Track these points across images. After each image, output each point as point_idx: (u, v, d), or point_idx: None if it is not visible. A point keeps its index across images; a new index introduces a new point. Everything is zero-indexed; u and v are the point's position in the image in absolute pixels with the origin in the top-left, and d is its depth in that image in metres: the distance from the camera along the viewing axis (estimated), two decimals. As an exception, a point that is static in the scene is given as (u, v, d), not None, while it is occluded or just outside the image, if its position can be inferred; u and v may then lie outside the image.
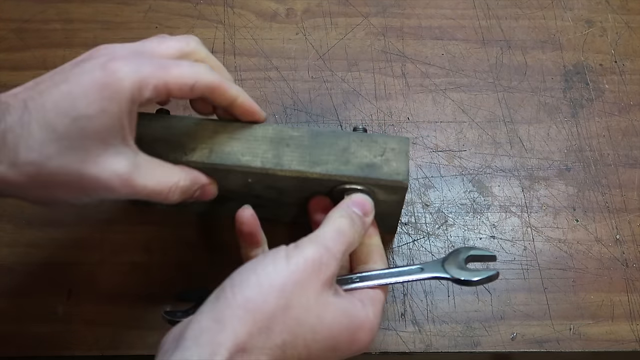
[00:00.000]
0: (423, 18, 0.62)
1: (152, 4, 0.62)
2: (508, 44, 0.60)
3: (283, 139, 0.44)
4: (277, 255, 0.37)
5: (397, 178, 0.43)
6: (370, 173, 0.43)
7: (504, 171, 0.55)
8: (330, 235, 0.39)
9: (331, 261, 0.37)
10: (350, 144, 0.44)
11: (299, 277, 0.36)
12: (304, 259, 0.36)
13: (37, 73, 0.58)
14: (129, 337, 0.49)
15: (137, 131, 0.42)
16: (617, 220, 0.53)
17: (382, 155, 0.44)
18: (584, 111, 0.58)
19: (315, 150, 0.44)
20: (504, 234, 0.53)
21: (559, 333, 0.50)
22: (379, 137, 0.45)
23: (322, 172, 0.43)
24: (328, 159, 0.44)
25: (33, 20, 0.61)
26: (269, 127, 0.45)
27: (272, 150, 0.44)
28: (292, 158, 0.44)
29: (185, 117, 0.45)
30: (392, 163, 0.44)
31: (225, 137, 0.44)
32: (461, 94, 0.58)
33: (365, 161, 0.44)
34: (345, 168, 0.44)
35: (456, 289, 0.51)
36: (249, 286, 0.35)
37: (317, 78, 0.59)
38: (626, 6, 0.63)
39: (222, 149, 0.44)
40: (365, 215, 0.42)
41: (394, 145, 0.44)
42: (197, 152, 0.44)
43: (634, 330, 0.50)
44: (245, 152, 0.44)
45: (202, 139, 0.44)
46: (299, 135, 0.45)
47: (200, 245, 0.52)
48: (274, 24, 0.61)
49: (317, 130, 0.45)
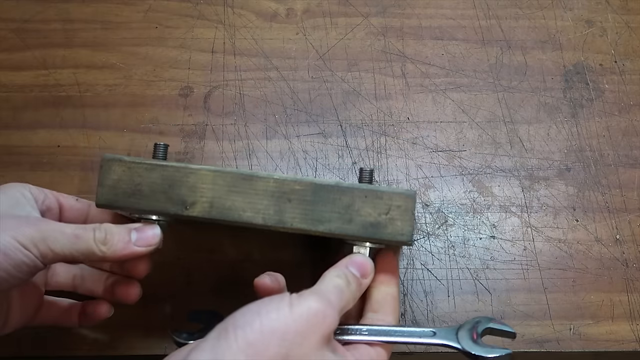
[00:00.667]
0: (423, 18, 0.62)
1: (152, 4, 0.62)
2: (508, 44, 0.60)
3: (284, 194, 0.43)
4: (282, 303, 0.37)
5: (401, 239, 0.42)
6: (374, 234, 0.43)
7: (504, 171, 0.55)
8: (331, 290, 0.39)
9: (333, 314, 0.37)
10: (354, 200, 0.43)
11: (300, 327, 0.36)
12: (307, 309, 0.36)
13: (37, 73, 0.58)
14: (128, 337, 0.49)
15: (137, 181, 0.43)
16: (617, 220, 0.53)
17: (387, 214, 0.43)
18: (584, 111, 0.58)
19: (318, 207, 0.43)
20: (504, 234, 0.53)
21: (559, 333, 0.50)
22: (384, 192, 0.43)
23: (324, 231, 0.43)
24: (331, 216, 0.43)
25: (33, 20, 0.61)
26: (270, 179, 0.43)
27: (273, 206, 0.43)
28: (294, 215, 0.43)
29: (182, 166, 0.44)
30: (397, 222, 0.43)
31: (225, 189, 0.43)
32: (461, 94, 0.58)
33: (370, 220, 0.43)
34: (348, 227, 0.43)
35: (456, 289, 0.51)
36: (252, 330, 0.35)
37: (317, 78, 0.59)
38: (626, 6, 0.63)
39: (223, 204, 0.43)
40: (363, 277, 0.42)
41: (399, 202, 0.43)
42: (198, 207, 0.43)
43: (634, 330, 0.50)
44: (247, 207, 0.43)
45: (201, 191, 0.43)
46: (301, 190, 0.43)
47: (200, 245, 0.52)
48: (274, 24, 0.61)
49: (320, 184, 0.43)
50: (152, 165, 0.44)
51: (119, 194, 0.44)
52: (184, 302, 0.50)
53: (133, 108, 0.57)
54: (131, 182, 0.44)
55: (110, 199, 0.44)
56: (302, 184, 0.43)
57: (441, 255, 0.52)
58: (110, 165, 0.44)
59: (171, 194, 0.43)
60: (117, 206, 0.44)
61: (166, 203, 0.43)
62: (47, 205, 0.46)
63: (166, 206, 0.43)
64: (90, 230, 0.41)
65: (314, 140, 0.56)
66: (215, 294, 0.51)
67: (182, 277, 0.51)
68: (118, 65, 0.59)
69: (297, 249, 0.52)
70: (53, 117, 0.57)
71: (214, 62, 0.59)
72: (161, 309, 0.50)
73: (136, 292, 0.46)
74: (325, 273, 0.41)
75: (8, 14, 0.61)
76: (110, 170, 0.44)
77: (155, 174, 0.44)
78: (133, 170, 0.44)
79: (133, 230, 0.42)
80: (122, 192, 0.44)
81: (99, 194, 0.44)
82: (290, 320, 0.36)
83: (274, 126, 0.57)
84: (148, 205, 0.43)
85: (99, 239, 0.41)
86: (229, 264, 0.52)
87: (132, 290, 0.46)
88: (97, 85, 0.58)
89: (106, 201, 0.44)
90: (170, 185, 0.43)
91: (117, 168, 0.44)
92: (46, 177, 0.54)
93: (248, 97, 0.58)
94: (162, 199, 0.43)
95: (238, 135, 0.56)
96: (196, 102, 0.57)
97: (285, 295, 0.37)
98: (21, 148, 0.56)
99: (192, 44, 0.60)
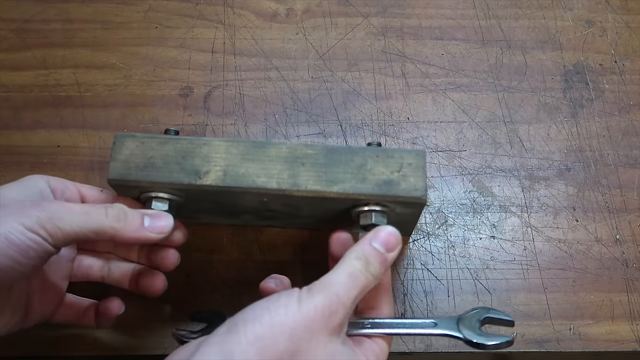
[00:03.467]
0: (423, 18, 0.62)
1: (152, 4, 0.62)
2: (508, 44, 0.60)
3: (298, 158, 0.44)
4: (290, 298, 0.36)
5: (416, 194, 0.43)
6: (389, 190, 0.43)
7: (504, 171, 0.55)
8: (342, 281, 0.38)
9: (340, 309, 0.37)
10: (366, 160, 0.44)
11: (309, 324, 0.36)
12: (314, 306, 0.36)
13: (37, 73, 0.58)
14: (128, 337, 0.49)
15: (150, 154, 0.43)
16: (617, 220, 0.53)
17: (399, 171, 0.43)
18: (584, 111, 0.58)
19: (331, 168, 0.43)
20: (504, 234, 0.53)
21: (559, 333, 0.50)
22: (394, 151, 0.44)
23: (339, 191, 0.43)
24: (345, 177, 0.43)
25: (33, 20, 0.61)
26: (283, 146, 0.44)
27: (287, 170, 0.43)
28: (308, 177, 0.43)
29: (195, 139, 0.45)
30: (410, 179, 0.43)
31: (238, 157, 0.44)
32: (461, 94, 0.58)
33: (383, 178, 0.43)
34: (362, 186, 0.43)
35: (456, 289, 0.51)
36: (261, 324, 0.35)
37: (317, 78, 0.59)
38: (626, 6, 0.63)
39: (236, 171, 0.43)
40: (389, 251, 0.41)
41: (410, 159, 0.44)
42: (211, 175, 0.43)
43: (634, 330, 0.50)
44: (260, 173, 0.43)
45: (214, 160, 0.44)
46: (313, 153, 0.44)
47: (200, 245, 0.52)
48: (274, 24, 0.61)
49: (331, 147, 0.44)
50: (165, 139, 0.44)
51: (131, 167, 0.44)
52: (184, 302, 0.50)
53: (133, 108, 0.57)
54: (144, 156, 0.44)
55: (123, 172, 0.44)
56: (314, 148, 0.44)
57: (441, 255, 0.52)
58: (123, 141, 0.44)
59: (184, 165, 0.43)
60: (129, 179, 0.43)
61: (180, 173, 0.43)
62: (66, 197, 0.45)
63: (180, 176, 0.43)
64: (102, 207, 0.40)
65: (314, 140, 0.56)
66: (215, 294, 0.51)
67: (182, 277, 0.51)
68: (118, 65, 0.59)
69: (297, 249, 0.52)
70: (53, 117, 0.57)
71: (214, 62, 0.59)
72: (161, 309, 0.50)
73: (161, 284, 0.45)
74: (347, 252, 0.40)
75: (8, 14, 0.61)
76: (122, 145, 0.44)
77: (168, 146, 0.44)
78: (146, 144, 0.44)
79: (146, 216, 0.42)
80: (134, 166, 0.44)
81: (111, 168, 0.44)
82: (299, 317, 0.35)
83: (274, 126, 0.57)
84: (161, 177, 0.43)
85: (111, 215, 0.40)
86: (229, 264, 0.52)
87: (157, 282, 0.45)
88: (97, 85, 0.58)
89: (118, 175, 0.44)
90: (183, 157, 0.44)
91: (129, 143, 0.44)
92: (46, 177, 0.54)
93: (248, 97, 0.58)
94: (176, 169, 0.43)
95: (238, 135, 0.56)
96: (196, 102, 0.57)
97: (294, 291, 0.37)
98: (21, 148, 0.56)
99: (192, 44, 0.60)
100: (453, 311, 0.50)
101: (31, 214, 0.37)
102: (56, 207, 0.38)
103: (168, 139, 0.44)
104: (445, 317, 0.43)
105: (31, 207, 0.38)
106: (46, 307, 0.45)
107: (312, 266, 0.52)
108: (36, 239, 0.37)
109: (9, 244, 0.36)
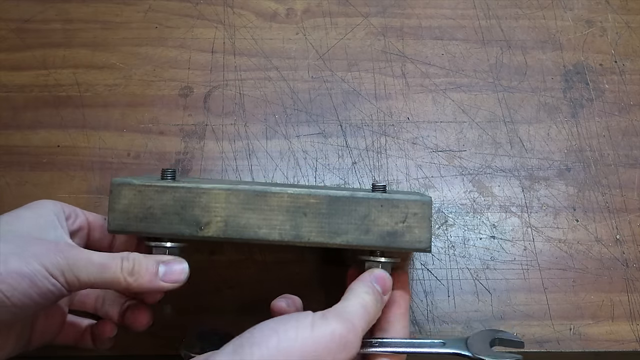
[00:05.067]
0: (423, 18, 0.62)
1: (152, 3, 0.62)
2: (508, 44, 0.60)
3: (299, 208, 0.43)
4: (303, 322, 0.36)
5: (420, 247, 0.42)
6: (392, 242, 0.42)
7: (504, 171, 0.55)
8: (357, 311, 0.37)
9: (356, 340, 0.36)
10: (370, 210, 0.42)
11: (319, 352, 0.35)
12: (331, 333, 0.35)
13: (37, 73, 0.58)
14: (129, 337, 0.49)
15: (148, 204, 0.42)
16: (617, 220, 0.53)
17: (404, 222, 0.42)
18: (584, 111, 0.58)
19: (334, 219, 0.42)
20: (504, 234, 0.53)
21: (559, 333, 0.50)
22: (400, 201, 0.43)
23: (342, 243, 0.42)
24: (348, 228, 0.42)
25: (33, 20, 0.61)
26: (284, 194, 0.43)
27: (289, 221, 0.42)
28: (311, 229, 0.42)
29: (194, 187, 0.43)
30: (415, 230, 0.42)
31: (239, 207, 0.43)
32: (461, 94, 0.58)
33: (387, 229, 0.42)
34: (366, 238, 0.42)
35: (456, 289, 0.51)
36: (268, 348, 0.34)
37: (317, 78, 0.59)
38: (626, 6, 0.63)
39: (237, 222, 0.43)
40: (384, 294, 0.41)
41: (416, 209, 0.42)
42: (212, 227, 0.42)
43: (634, 330, 0.50)
44: (262, 224, 0.42)
45: (215, 211, 0.43)
46: (316, 203, 0.42)
47: (200, 245, 0.52)
48: (274, 24, 0.61)
49: (334, 196, 0.43)
50: (162, 187, 0.43)
51: (130, 218, 0.43)
52: (184, 303, 0.50)
53: (133, 108, 0.57)
54: (143, 206, 0.43)
55: (123, 224, 0.43)
56: (316, 197, 0.43)
57: (441, 255, 0.52)
58: (120, 190, 0.43)
59: (184, 215, 0.43)
60: (129, 231, 0.43)
61: (180, 225, 0.42)
62: (77, 224, 0.45)
63: (180, 228, 0.42)
64: (118, 259, 0.40)
65: (314, 140, 0.56)
66: (215, 295, 0.51)
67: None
68: (118, 65, 0.59)
69: (297, 249, 0.52)
70: (53, 117, 0.57)
71: (213, 62, 0.59)
72: (161, 309, 0.50)
73: (145, 319, 0.45)
74: (352, 287, 0.40)
75: (8, 14, 0.61)
76: (120, 194, 0.43)
77: (166, 196, 0.43)
78: (144, 193, 0.43)
79: (161, 264, 0.41)
80: (134, 217, 0.43)
81: (111, 220, 0.43)
82: (310, 342, 0.35)
83: (274, 126, 0.57)
84: (162, 229, 0.43)
85: (126, 269, 0.40)
86: (229, 264, 0.52)
87: (140, 317, 0.45)
88: (97, 85, 0.58)
89: (118, 227, 0.43)
90: (182, 207, 0.43)
91: (127, 192, 0.43)
92: (46, 177, 0.55)
93: (248, 97, 0.58)
94: (176, 221, 0.43)
95: (238, 135, 0.56)
96: (196, 102, 0.57)
97: (308, 314, 0.36)
98: (21, 148, 0.56)
99: (192, 44, 0.60)
100: (453, 311, 0.50)
101: (54, 259, 0.38)
102: (76, 255, 0.39)
103: (165, 188, 0.43)
104: (454, 337, 0.43)
105: (54, 251, 0.38)
106: (49, 333, 0.45)
107: (312, 266, 0.52)
108: (55, 284, 0.38)
109: (31, 285, 0.37)
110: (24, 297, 0.37)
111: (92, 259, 0.39)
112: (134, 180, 0.43)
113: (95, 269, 0.39)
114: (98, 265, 0.39)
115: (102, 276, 0.39)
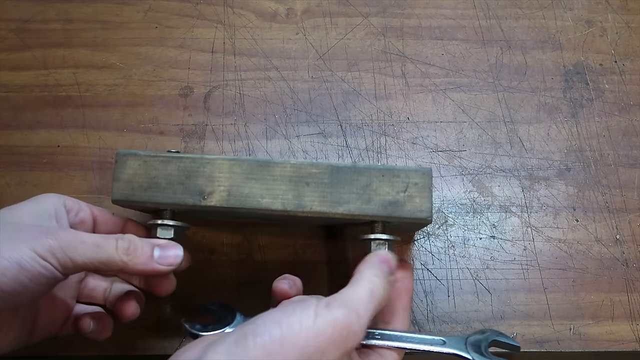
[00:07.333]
0: (423, 18, 0.62)
1: (152, 4, 0.62)
2: (508, 44, 0.60)
3: (302, 177, 0.43)
4: (306, 312, 0.35)
5: (421, 215, 0.43)
6: (394, 212, 0.43)
7: (504, 171, 0.55)
8: (363, 298, 0.37)
9: (359, 330, 0.36)
10: (372, 179, 0.43)
11: (322, 342, 0.34)
12: (333, 322, 0.35)
13: (37, 73, 0.58)
14: (129, 337, 0.49)
15: (153, 174, 0.43)
16: (617, 220, 0.53)
17: (405, 191, 0.43)
18: (584, 111, 0.58)
19: (336, 189, 0.43)
20: (504, 234, 0.53)
21: (559, 333, 0.50)
22: (400, 171, 0.43)
23: (344, 212, 0.43)
24: (350, 197, 0.43)
25: (33, 20, 0.61)
26: (287, 164, 0.43)
27: (292, 191, 0.43)
28: (313, 198, 0.43)
29: (198, 157, 0.44)
30: (416, 199, 0.43)
31: (242, 177, 0.43)
32: (461, 94, 0.58)
33: (388, 198, 0.43)
34: (368, 207, 0.43)
35: (456, 289, 0.51)
36: (271, 339, 0.34)
37: (317, 78, 0.59)
38: (626, 6, 0.63)
39: (241, 191, 0.43)
40: (391, 274, 0.41)
41: (416, 179, 0.43)
42: (215, 196, 0.43)
43: (634, 330, 0.50)
44: (265, 193, 0.43)
45: (218, 180, 0.43)
46: (318, 172, 0.43)
47: (200, 245, 0.52)
48: (274, 24, 0.61)
49: (336, 166, 0.43)
50: (168, 157, 0.44)
51: (135, 187, 0.43)
52: (184, 302, 0.50)
53: (133, 108, 0.57)
54: (147, 176, 0.43)
55: (127, 193, 0.43)
56: (319, 167, 0.43)
57: (441, 255, 0.52)
58: (125, 160, 0.44)
59: (188, 185, 0.43)
60: (134, 200, 0.43)
61: (184, 194, 0.43)
62: (80, 217, 0.45)
63: (184, 197, 0.43)
64: (113, 239, 0.40)
65: (314, 140, 0.56)
66: (215, 294, 0.51)
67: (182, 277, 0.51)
68: (118, 65, 0.59)
69: (297, 249, 0.52)
70: (53, 117, 0.57)
71: (213, 62, 0.59)
72: (161, 309, 0.50)
73: (130, 310, 0.45)
74: (359, 269, 0.39)
75: (8, 14, 0.61)
76: (125, 164, 0.44)
77: (171, 166, 0.44)
78: (149, 163, 0.44)
79: (156, 247, 0.42)
80: (138, 186, 0.43)
81: (115, 189, 0.44)
82: (312, 333, 0.34)
83: (274, 126, 0.57)
84: (165, 198, 0.43)
85: (121, 248, 0.40)
86: (229, 264, 0.52)
87: (126, 307, 0.45)
88: (97, 85, 0.58)
89: (122, 196, 0.43)
90: (187, 176, 0.43)
91: (132, 162, 0.44)
92: (46, 177, 0.55)
93: (248, 97, 0.58)
94: (180, 190, 0.43)
95: (238, 135, 0.56)
96: (196, 102, 0.57)
97: (311, 304, 0.36)
98: (21, 148, 0.56)
99: (192, 44, 0.60)
100: (453, 311, 0.50)
101: (44, 242, 0.38)
102: (69, 237, 0.39)
103: (171, 158, 0.44)
104: (454, 335, 0.43)
105: (45, 234, 0.38)
106: (52, 325, 0.45)
107: (312, 266, 0.52)
108: (47, 267, 0.37)
109: (20, 269, 0.37)
110: (14, 282, 0.36)
111: (84, 239, 0.39)
112: (139, 151, 0.44)
113: (89, 249, 0.39)
114: (92, 245, 0.39)
115: (96, 256, 0.39)
